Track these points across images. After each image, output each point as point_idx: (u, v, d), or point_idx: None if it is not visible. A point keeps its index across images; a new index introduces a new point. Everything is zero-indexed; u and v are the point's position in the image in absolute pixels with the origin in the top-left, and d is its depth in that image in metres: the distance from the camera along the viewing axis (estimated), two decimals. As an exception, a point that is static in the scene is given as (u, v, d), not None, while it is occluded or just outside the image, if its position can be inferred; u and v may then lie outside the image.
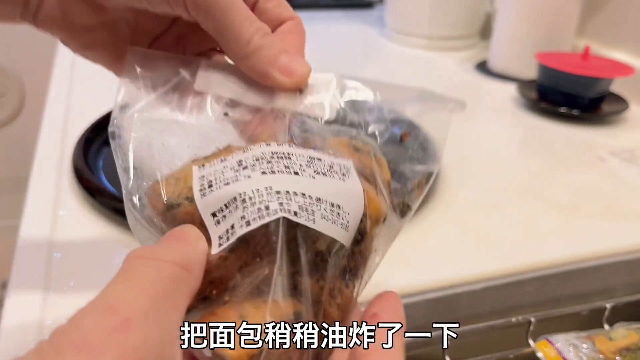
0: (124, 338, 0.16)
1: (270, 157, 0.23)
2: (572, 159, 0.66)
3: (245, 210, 0.21)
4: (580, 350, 0.41)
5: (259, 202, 0.21)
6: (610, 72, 0.75)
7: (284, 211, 0.21)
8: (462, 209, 0.54)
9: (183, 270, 0.19)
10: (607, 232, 0.51)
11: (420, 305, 0.43)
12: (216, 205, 0.22)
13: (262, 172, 0.23)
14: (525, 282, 0.46)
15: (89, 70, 0.84)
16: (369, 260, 0.25)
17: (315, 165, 0.24)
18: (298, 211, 0.22)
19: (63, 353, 0.15)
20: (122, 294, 0.17)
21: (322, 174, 0.24)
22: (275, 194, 0.22)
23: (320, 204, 0.22)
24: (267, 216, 0.21)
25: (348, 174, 0.24)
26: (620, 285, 0.50)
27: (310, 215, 0.22)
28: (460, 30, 1.03)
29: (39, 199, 0.51)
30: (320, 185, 0.23)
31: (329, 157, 0.25)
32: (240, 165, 0.23)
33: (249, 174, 0.23)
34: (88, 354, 0.15)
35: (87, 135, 0.59)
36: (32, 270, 0.42)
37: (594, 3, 0.89)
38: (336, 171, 0.24)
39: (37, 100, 0.73)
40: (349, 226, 0.23)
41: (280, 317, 0.20)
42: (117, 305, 0.17)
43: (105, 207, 0.49)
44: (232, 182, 0.22)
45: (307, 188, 0.23)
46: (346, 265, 0.24)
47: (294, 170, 0.23)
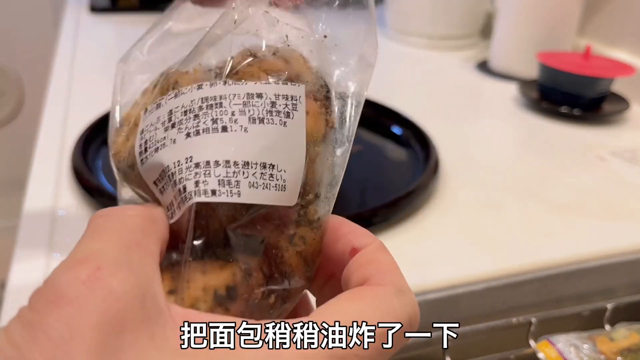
0: (100, 284, 0.16)
1: (199, 107, 0.21)
2: (572, 159, 0.65)
3: (173, 188, 0.21)
4: (581, 351, 0.41)
5: (179, 181, 0.21)
6: (611, 71, 0.75)
7: (198, 193, 0.20)
8: (462, 209, 0.53)
9: (147, 220, 0.20)
10: (608, 232, 0.51)
11: (421, 306, 0.42)
12: (153, 175, 0.22)
13: (187, 135, 0.21)
14: (525, 282, 0.46)
15: (88, 70, 0.85)
16: (318, 186, 0.23)
17: (252, 108, 0.21)
18: (217, 188, 0.20)
19: (43, 312, 0.16)
20: (90, 247, 0.18)
21: (258, 120, 0.21)
22: (194, 167, 0.21)
23: (248, 169, 0.21)
24: (184, 201, 0.21)
25: (293, 112, 0.22)
26: (621, 286, 0.50)
27: (233, 189, 0.20)
28: (461, 29, 1.03)
29: (38, 199, 0.51)
30: (253, 140, 0.21)
31: (274, 88, 0.22)
32: (170, 120, 0.22)
33: (174, 137, 0.21)
34: (68, 306, 0.15)
35: (87, 135, 0.59)
36: (32, 271, 0.42)
37: (595, 2, 0.89)
38: (278, 110, 0.21)
39: (36, 100, 0.73)
40: (286, 185, 0.21)
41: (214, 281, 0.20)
42: (87, 257, 0.17)
43: (104, 207, 0.48)
44: (161, 147, 0.21)
45: (235, 150, 0.21)
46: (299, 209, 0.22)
47: (222, 125, 0.21)
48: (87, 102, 0.71)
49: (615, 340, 0.43)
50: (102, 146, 0.60)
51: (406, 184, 0.53)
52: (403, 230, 0.49)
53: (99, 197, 0.49)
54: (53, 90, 0.76)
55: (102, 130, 0.61)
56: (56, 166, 0.56)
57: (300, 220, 0.22)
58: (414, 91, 0.86)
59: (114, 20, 1.11)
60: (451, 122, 0.73)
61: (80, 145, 0.57)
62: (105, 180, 0.53)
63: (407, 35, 1.04)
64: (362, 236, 0.22)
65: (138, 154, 0.22)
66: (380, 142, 0.68)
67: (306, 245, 0.22)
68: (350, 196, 0.57)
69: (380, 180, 0.61)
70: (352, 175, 0.60)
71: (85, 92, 0.76)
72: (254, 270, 0.21)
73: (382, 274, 0.21)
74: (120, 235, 0.18)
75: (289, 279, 0.22)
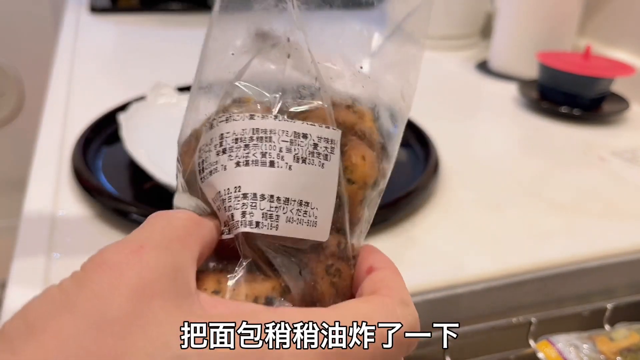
0: (139, 258, 0.19)
1: (250, 138, 0.23)
2: (573, 159, 0.65)
3: (224, 212, 0.23)
4: (581, 351, 0.41)
5: (228, 208, 0.23)
6: (611, 71, 0.75)
7: (244, 224, 0.22)
8: (462, 209, 0.53)
9: (192, 222, 0.22)
10: (608, 232, 0.51)
11: (421, 306, 0.43)
12: (210, 194, 0.24)
13: (237, 164, 0.23)
14: (526, 282, 0.46)
15: (88, 70, 0.85)
16: (358, 226, 0.26)
17: (297, 147, 0.23)
18: (260, 220, 0.22)
19: (90, 272, 0.19)
20: (138, 234, 0.21)
21: (301, 160, 0.23)
22: (242, 198, 0.22)
23: (287, 205, 0.23)
24: (233, 228, 0.23)
25: (330, 154, 0.24)
26: (621, 286, 0.50)
27: (273, 222, 0.22)
28: (461, 29, 1.03)
29: (38, 199, 0.51)
30: (295, 178, 0.23)
31: (317, 130, 0.24)
32: (221, 145, 0.23)
33: (225, 164, 0.23)
34: (109, 270, 0.19)
35: (87, 135, 0.59)
36: (32, 271, 0.42)
37: (595, 2, 0.89)
38: (319, 152, 0.23)
39: (36, 100, 0.73)
40: (317, 221, 0.23)
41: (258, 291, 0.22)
42: (133, 239, 0.20)
43: (104, 207, 0.48)
44: (213, 172, 0.23)
45: (279, 185, 0.23)
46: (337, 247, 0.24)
47: (270, 160, 0.23)
48: (87, 102, 0.71)
49: (615, 340, 0.43)
50: (103, 146, 0.60)
51: (406, 184, 0.53)
52: (403, 230, 0.49)
53: (99, 197, 0.49)
54: (53, 90, 0.76)
55: (102, 130, 0.61)
56: (56, 166, 0.56)
57: (340, 254, 0.24)
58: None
59: (114, 20, 1.11)
60: (451, 122, 0.73)
61: (80, 145, 0.57)
62: (106, 180, 0.53)
63: (407, 35, 1.04)
64: (379, 260, 0.24)
65: (197, 172, 0.24)
66: (380, 142, 0.68)
67: (341, 278, 0.24)
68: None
69: (380, 180, 0.61)
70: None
71: (86, 92, 0.76)
72: (293, 289, 0.23)
73: (391, 289, 0.23)
74: (165, 230, 0.21)
75: (318, 305, 0.24)
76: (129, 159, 0.53)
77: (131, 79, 0.81)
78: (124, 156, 0.54)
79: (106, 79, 0.82)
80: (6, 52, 1.40)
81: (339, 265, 0.24)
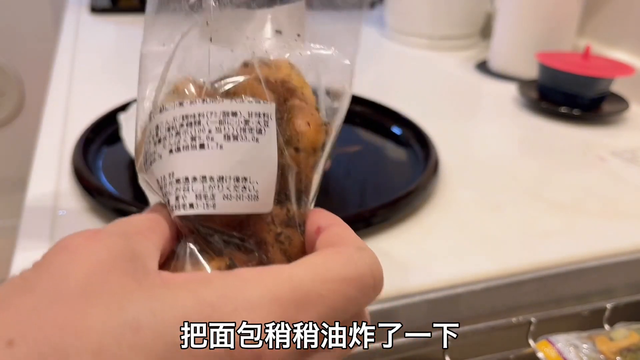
0: (97, 241, 0.20)
1: (180, 125, 0.23)
2: (572, 159, 0.66)
3: (164, 199, 0.24)
4: (580, 351, 0.41)
5: (165, 194, 0.24)
6: (611, 71, 0.75)
7: (178, 207, 0.23)
8: (462, 209, 0.54)
9: (152, 220, 0.23)
10: (608, 232, 0.51)
11: (421, 306, 0.43)
12: (153, 183, 0.25)
13: (170, 151, 0.23)
14: (525, 282, 0.46)
15: (89, 70, 0.85)
16: (311, 192, 0.26)
17: (227, 126, 0.23)
18: (194, 202, 0.23)
19: (49, 258, 0.20)
20: (97, 229, 0.22)
21: (232, 137, 0.23)
22: (175, 183, 0.23)
23: (222, 183, 0.23)
24: (170, 212, 0.24)
25: (265, 128, 0.24)
26: (620, 286, 0.50)
27: (209, 202, 0.23)
28: (461, 29, 1.03)
29: (38, 199, 0.51)
30: (227, 156, 0.23)
31: (247, 106, 0.24)
32: (157, 135, 0.24)
33: (160, 152, 0.24)
34: (67, 253, 0.20)
35: (87, 135, 0.59)
36: (32, 270, 0.42)
37: (595, 2, 0.89)
38: (251, 128, 0.23)
39: (36, 100, 0.73)
40: (258, 195, 0.23)
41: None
42: (92, 229, 0.21)
43: (105, 207, 0.49)
44: (152, 162, 0.24)
45: (211, 165, 0.23)
46: (286, 212, 0.25)
47: (200, 143, 0.23)
48: (88, 102, 0.71)
49: (615, 340, 0.43)
50: (103, 146, 0.60)
51: (406, 184, 0.53)
52: (403, 230, 0.49)
53: (99, 197, 0.49)
54: (53, 90, 0.76)
55: (102, 130, 0.61)
56: (57, 166, 0.56)
57: (289, 222, 0.25)
58: (414, 91, 0.87)
59: (114, 20, 1.11)
60: (451, 122, 0.73)
61: (80, 145, 0.57)
62: (106, 180, 0.53)
63: (407, 35, 1.04)
64: (327, 218, 0.25)
65: (143, 163, 0.25)
66: (380, 142, 0.68)
67: (291, 245, 0.25)
68: (350, 196, 0.57)
69: (380, 180, 0.61)
70: (352, 175, 0.60)
71: (86, 92, 0.76)
72: (239, 264, 0.24)
73: (343, 239, 0.23)
74: (124, 224, 0.23)
75: None
76: (129, 159, 0.53)
77: (131, 79, 0.80)
78: (124, 156, 0.54)
79: (106, 79, 0.82)
80: (6, 52, 1.40)
81: (289, 233, 0.25)
